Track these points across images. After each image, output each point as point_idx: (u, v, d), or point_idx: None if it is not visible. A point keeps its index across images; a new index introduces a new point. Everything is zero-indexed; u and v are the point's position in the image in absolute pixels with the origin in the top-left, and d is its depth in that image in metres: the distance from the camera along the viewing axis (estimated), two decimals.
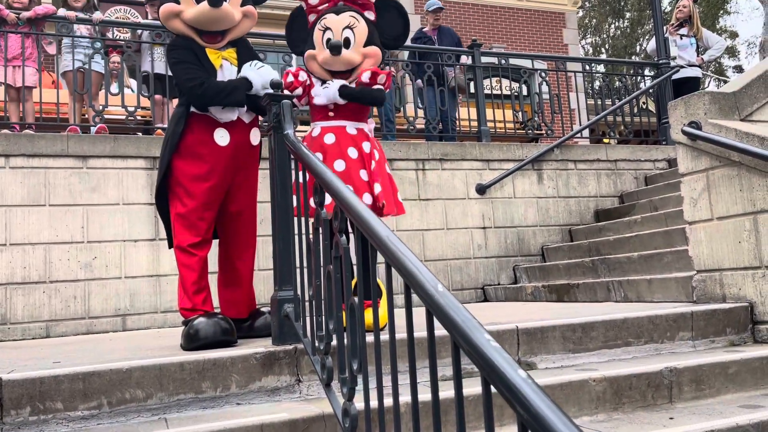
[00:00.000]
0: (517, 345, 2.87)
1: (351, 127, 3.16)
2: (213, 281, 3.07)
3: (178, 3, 2.94)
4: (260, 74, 2.95)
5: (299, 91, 3.15)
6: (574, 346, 2.97)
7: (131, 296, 4.79)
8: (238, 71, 3.02)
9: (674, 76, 7.25)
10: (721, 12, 28.94)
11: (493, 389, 1.15)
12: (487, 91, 6.66)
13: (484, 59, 6.81)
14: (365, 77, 3.13)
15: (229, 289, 3.15)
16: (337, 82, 3.12)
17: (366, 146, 3.14)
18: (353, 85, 3.15)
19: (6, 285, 4.53)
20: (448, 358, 2.65)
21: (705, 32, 7.94)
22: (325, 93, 3.12)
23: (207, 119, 2.94)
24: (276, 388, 2.50)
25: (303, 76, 3.20)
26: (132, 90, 6.72)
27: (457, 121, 6.95)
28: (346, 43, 3.11)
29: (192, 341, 2.71)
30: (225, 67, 3.01)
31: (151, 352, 2.83)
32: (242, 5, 3.04)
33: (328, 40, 3.10)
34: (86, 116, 6.00)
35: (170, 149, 2.94)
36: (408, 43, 7.85)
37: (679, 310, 3.20)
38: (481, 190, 5.94)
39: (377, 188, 3.05)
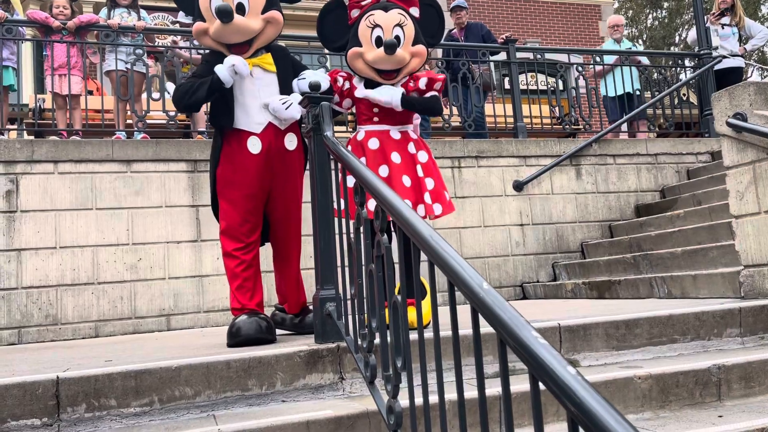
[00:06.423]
0: (559, 342, 2.85)
1: (395, 131, 3.14)
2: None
3: (204, 21, 3.03)
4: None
5: (336, 98, 3.16)
6: (617, 344, 2.93)
7: (175, 297, 4.91)
8: (278, 77, 3.10)
9: (716, 67, 7.06)
10: (763, 0, 28.03)
11: (541, 386, 1.15)
12: (522, 87, 6.59)
13: (519, 55, 6.74)
14: (422, 84, 3.08)
15: (281, 285, 3.33)
16: (399, 90, 3.06)
17: (411, 147, 3.13)
18: (401, 85, 3.12)
19: (57, 286, 4.69)
20: (490, 356, 2.67)
21: (747, 21, 7.74)
22: (386, 96, 3.04)
23: (239, 129, 3.04)
24: (320, 386, 2.54)
25: (340, 81, 3.19)
26: (169, 93, 6.84)
27: (491, 118, 6.88)
28: (397, 41, 3.06)
29: (233, 337, 2.91)
30: (255, 73, 3.06)
31: (197, 350, 2.90)
32: (265, 11, 3.03)
33: (378, 38, 3.06)
34: (129, 121, 6.15)
35: (214, 161, 3.13)
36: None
37: (727, 306, 3.13)
38: (519, 186, 5.89)
39: (430, 184, 3.06)
